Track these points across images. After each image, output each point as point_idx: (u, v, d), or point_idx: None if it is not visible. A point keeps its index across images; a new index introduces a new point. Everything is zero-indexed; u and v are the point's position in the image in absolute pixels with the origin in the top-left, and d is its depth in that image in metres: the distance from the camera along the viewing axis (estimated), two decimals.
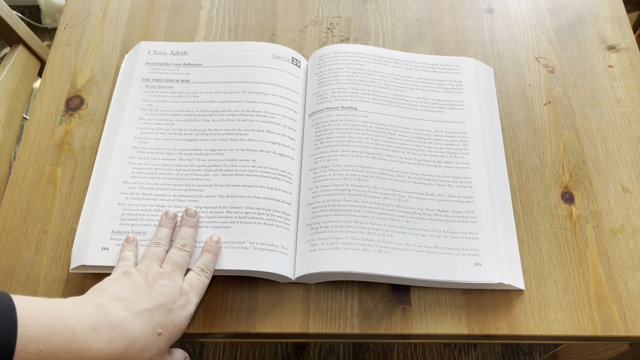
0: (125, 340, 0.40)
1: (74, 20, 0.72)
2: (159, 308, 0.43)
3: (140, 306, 0.43)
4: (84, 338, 0.38)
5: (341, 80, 0.62)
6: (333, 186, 0.55)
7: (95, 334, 0.39)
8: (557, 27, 0.71)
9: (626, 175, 0.59)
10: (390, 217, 0.54)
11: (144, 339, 0.41)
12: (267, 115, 0.60)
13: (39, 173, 0.60)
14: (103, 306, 0.41)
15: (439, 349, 1.15)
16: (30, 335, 0.35)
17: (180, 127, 0.60)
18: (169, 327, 0.44)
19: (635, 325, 0.51)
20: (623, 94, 0.65)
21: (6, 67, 0.78)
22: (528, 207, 0.57)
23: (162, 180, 0.56)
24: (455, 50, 0.69)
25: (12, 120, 0.76)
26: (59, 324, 0.37)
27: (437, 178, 0.57)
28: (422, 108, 0.62)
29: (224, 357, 1.14)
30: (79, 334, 0.38)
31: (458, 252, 0.53)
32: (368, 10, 0.73)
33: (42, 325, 0.36)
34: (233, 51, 0.65)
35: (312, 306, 0.52)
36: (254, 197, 0.55)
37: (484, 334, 0.51)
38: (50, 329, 0.36)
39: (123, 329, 0.40)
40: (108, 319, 0.40)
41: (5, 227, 0.56)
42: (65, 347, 0.37)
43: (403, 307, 0.52)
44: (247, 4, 0.74)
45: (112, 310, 0.41)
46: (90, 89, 0.66)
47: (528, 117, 0.63)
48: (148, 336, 0.42)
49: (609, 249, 0.55)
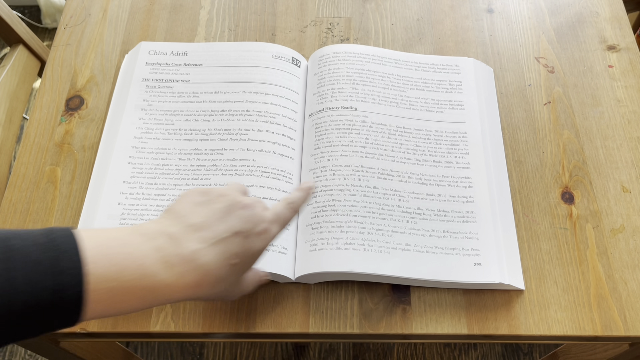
0: (198, 274, 0.37)
1: (74, 20, 0.72)
2: (236, 236, 0.40)
3: (216, 233, 0.39)
4: (154, 273, 0.36)
5: (341, 80, 0.62)
6: (333, 186, 0.55)
7: (165, 268, 0.36)
8: (557, 27, 0.71)
9: (626, 175, 0.59)
10: (390, 217, 0.54)
11: (218, 270, 0.39)
12: (267, 115, 0.60)
13: (39, 173, 0.60)
14: (175, 237, 0.38)
15: (439, 349, 1.15)
16: (98, 274, 0.33)
17: (180, 127, 0.60)
18: (244, 257, 0.40)
19: (635, 325, 0.51)
20: (623, 94, 0.65)
21: (6, 67, 0.78)
22: (528, 207, 0.57)
23: (162, 180, 0.57)
24: (455, 50, 0.69)
25: (12, 120, 0.76)
26: (127, 260, 0.35)
27: (437, 178, 0.57)
28: (422, 108, 0.62)
29: (224, 357, 1.14)
30: (148, 269, 0.36)
31: (458, 252, 0.53)
32: (368, 10, 0.73)
33: (111, 262, 0.34)
34: (233, 51, 0.65)
35: (312, 306, 0.52)
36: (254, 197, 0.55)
37: (484, 334, 0.51)
38: (118, 265, 0.35)
39: (195, 262, 0.38)
40: (180, 251, 0.37)
41: (5, 227, 0.56)
42: (135, 283, 0.35)
43: (403, 307, 0.52)
44: (247, 4, 0.74)
45: (185, 241, 0.38)
46: (90, 89, 0.66)
47: (528, 117, 0.63)
48: (222, 268, 0.39)
49: (609, 249, 0.55)
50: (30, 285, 0.31)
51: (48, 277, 0.32)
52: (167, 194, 0.56)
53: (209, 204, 0.41)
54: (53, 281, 0.32)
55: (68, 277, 0.32)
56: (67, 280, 0.32)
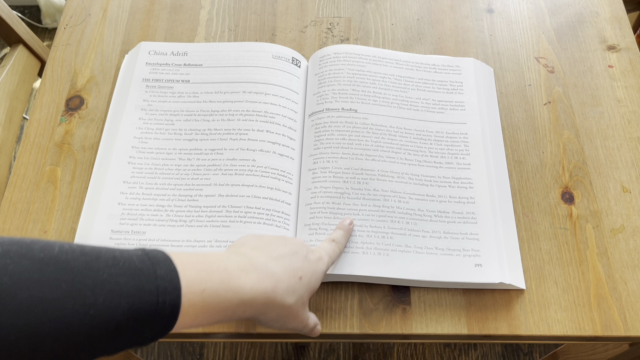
0: (272, 280, 0.41)
1: (74, 20, 0.72)
2: (295, 255, 0.45)
3: (278, 252, 0.44)
4: (237, 277, 0.39)
5: (342, 81, 0.62)
6: (333, 189, 0.55)
7: (245, 274, 0.40)
8: (557, 27, 0.71)
9: (626, 175, 0.59)
10: (390, 219, 0.54)
11: (287, 280, 0.42)
12: (267, 115, 0.60)
13: (39, 173, 0.60)
14: (245, 254, 0.43)
15: (439, 349, 1.15)
16: (191, 278, 0.37)
17: (180, 127, 0.60)
18: (307, 273, 0.44)
19: (635, 325, 0.51)
20: (623, 94, 0.65)
21: (6, 67, 0.78)
22: (528, 207, 0.57)
23: (162, 180, 0.57)
24: (455, 50, 0.69)
25: (12, 120, 0.76)
26: (212, 266, 0.39)
27: (437, 179, 0.57)
28: (423, 109, 0.62)
29: (224, 357, 1.14)
30: (232, 274, 0.39)
31: (459, 253, 0.53)
32: (368, 10, 0.73)
33: (199, 268, 0.38)
34: (233, 51, 0.65)
35: (312, 306, 0.52)
36: (254, 197, 0.55)
37: (484, 334, 0.51)
38: (206, 271, 0.38)
39: (268, 270, 0.42)
40: (252, 261, 0.42)
41: (5, 227, 0.56)
42: (223, 286, 0.38)
43: (403, 307, 0.52)
44: (247, 4, 0.74)
45: (254, 256, 0.43)
46: (90, 89, 0.66)
47: (528, 117, 0.63)
48: (290, 278, 0.43)
49: (609, 249, 0.55)
50: (136, 288, 0.33)
51: (151, 281, 0.34)
52: (167, 194, 0.56)
53: (262, 237, 0.47)
54: (155, 285, 0.34)
55: (165, 282, 0.35)
56: (165, 285, 0.35)
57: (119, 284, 0.33)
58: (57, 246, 0.33)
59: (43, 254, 0.32)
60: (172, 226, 0.54)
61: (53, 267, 0.31)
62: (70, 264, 0.32)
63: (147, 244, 0.52)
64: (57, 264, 0.32)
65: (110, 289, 0.32)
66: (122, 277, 0.33)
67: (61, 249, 0.33)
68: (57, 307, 0.30)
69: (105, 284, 0.32)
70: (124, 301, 0.33)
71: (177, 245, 0.53)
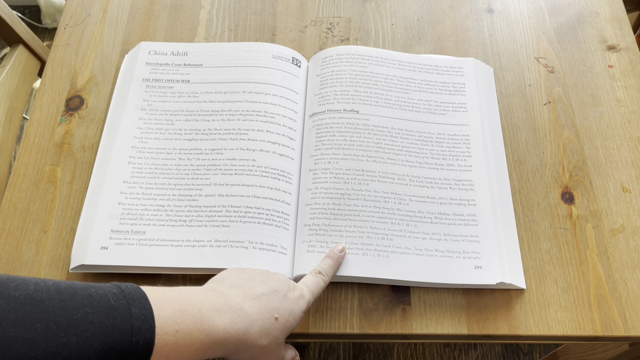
0: (246, 321, 0.41)
1: (74, 20, 0.72)
2: (274, 294, 0.44)
3: (255, 291, 0.44)
4: (211, 318, 0.39)
5: (344, 82, 0.62)
6: (333, 189, 0.55)
7: (219, 315, 0.40)
8: (557, 27, 0.71)
9: (626, 175, 0.59)
10: (390, 221, 0.54)
11: (262, 321, 0.42)
12: (267, 115, 0.60)
13: (39, 173, 0.60)
14: (221, 292, 0.43)
15: (439, 349, 1.15)
16: (165, 318, 0.37)
17: (180, 127, 0.60)
18: (284, 313, 0.44)
19: (635, 325, 0.51)
20: (623, 94, 0.65)
21: (6, 67, 0.78)
22: (528, 207, 0.57)
23: (161, 179, 0.57)
24: (455, 50, 0.69)
25: (12, 120, 0.76)
26: (187, 306, 0.39)
27: (438, 181, 0.57)
28: (425, 110, 0.62)
29: None
30: (205, 315, 0.39)
31: (459, 255, 0.53)
32: (368, 10, 0.73)
33: (173, 308, 0.38)
34: (233, 51, 0.65)
35: (312, 306, 0.52)
36: (254, 197, 0.55)
37: (484, 334, 0.51)
38: (181, 311, 0.38)
39: (242, 311, 0.42)
40: (228, 302, 0.42)
41: (5, 227, 0.57)
42: (196, 327, 0.38)
43: (403, 307, 0.52)
44: (247, 4, 0.74)
45: (230, 295, 0.43)
46: (90, 89, 0.66)
47: (528, 117, 0.63)
48: (265, 319, 0.43)
49: (609, 249, 0.55)
50: (110, 327, 0.34)
51: (126, 320, 0.34)
52: (167, 193, 0.56)
53: (245, 272, 0.46)
54: (130, 324, 0.34)
55: (139, 322, 0.35)
56: (139, 325, 0.35)
57: (93, 323, 0.33)
58: (33, 284, 0.33)
59: (18, 292, 0.32)
60: (172, 226, 0.54)
61: (28, 306, 0.32)
62: (45, 302, 0.32)
63: (147, 244, 0.52)
64: (32, 302, 0.32)
65: (85, 329, 0.33)
66: (96, 316, 0.33)
67: (36, 287, 0.33)
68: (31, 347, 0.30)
69: (80, 324, 0.33)
70: (97, 341, 0.33)
71: (177, 244, 0.53)
